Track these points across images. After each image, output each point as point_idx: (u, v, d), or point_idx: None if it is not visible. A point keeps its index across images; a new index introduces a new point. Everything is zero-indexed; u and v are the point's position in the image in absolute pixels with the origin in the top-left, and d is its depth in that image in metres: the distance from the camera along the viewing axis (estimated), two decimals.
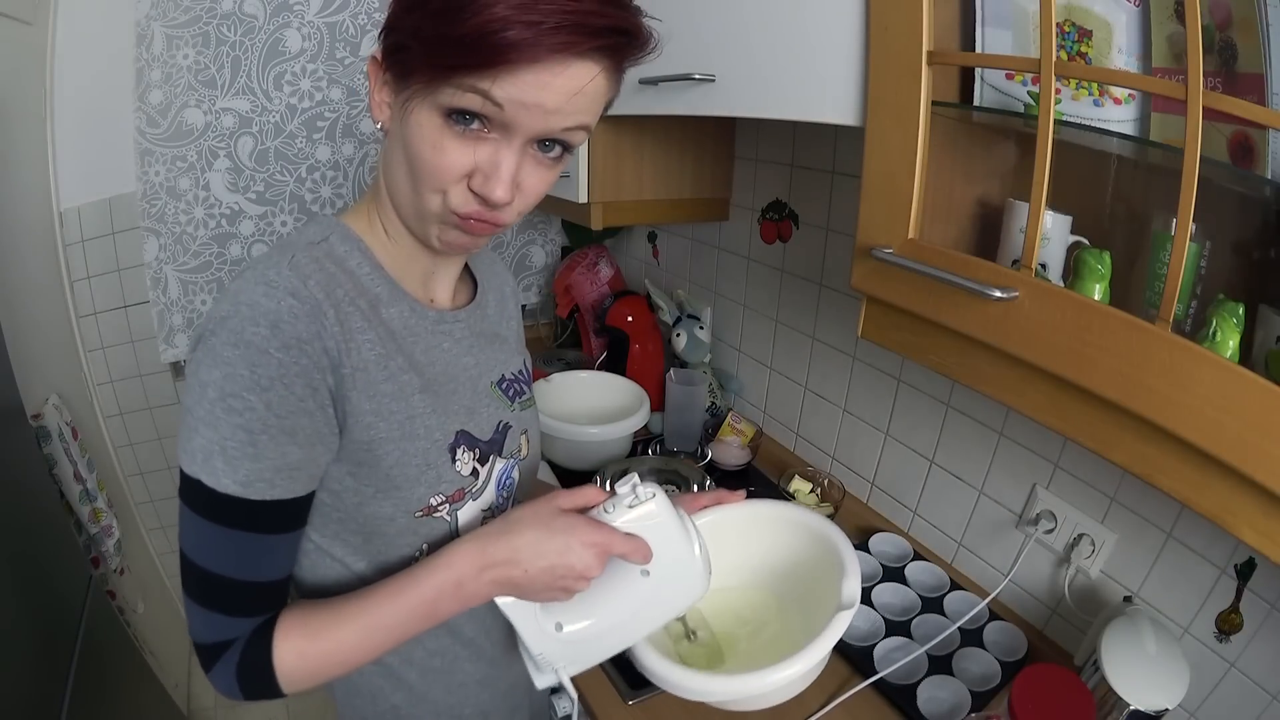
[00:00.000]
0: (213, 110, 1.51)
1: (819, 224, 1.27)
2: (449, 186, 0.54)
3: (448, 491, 0.62)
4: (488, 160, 0.52)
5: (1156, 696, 0.74)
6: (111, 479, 1.72)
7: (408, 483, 0.60)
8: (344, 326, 0.55)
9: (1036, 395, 0.62)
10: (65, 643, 1.14)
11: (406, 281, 0.63)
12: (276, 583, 0.57)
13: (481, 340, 0.70)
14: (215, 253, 1.63)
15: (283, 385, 0.51)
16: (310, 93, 1.57)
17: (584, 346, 1.86)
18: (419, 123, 0.52)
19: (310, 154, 1.62)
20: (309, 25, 1.51)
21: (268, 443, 0.51)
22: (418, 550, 0.63)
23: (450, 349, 0.66)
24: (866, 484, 1.30)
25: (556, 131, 0.53)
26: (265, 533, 0.54)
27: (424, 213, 0.56)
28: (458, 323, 0.67)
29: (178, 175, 1.54)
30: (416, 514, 0.61)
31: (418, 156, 0.53)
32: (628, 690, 0.90)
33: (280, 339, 0.50)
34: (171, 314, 1.65)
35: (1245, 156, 0.55)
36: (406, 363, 0.60)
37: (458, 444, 0.63)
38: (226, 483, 0.51)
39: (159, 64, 1.46)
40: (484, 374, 0.70)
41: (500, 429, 0.69)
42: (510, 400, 0.72)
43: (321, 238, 0.59)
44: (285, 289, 0.52)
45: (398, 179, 0.56)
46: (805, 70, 0.77)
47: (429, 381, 0.62)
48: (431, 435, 0.61)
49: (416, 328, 0.63)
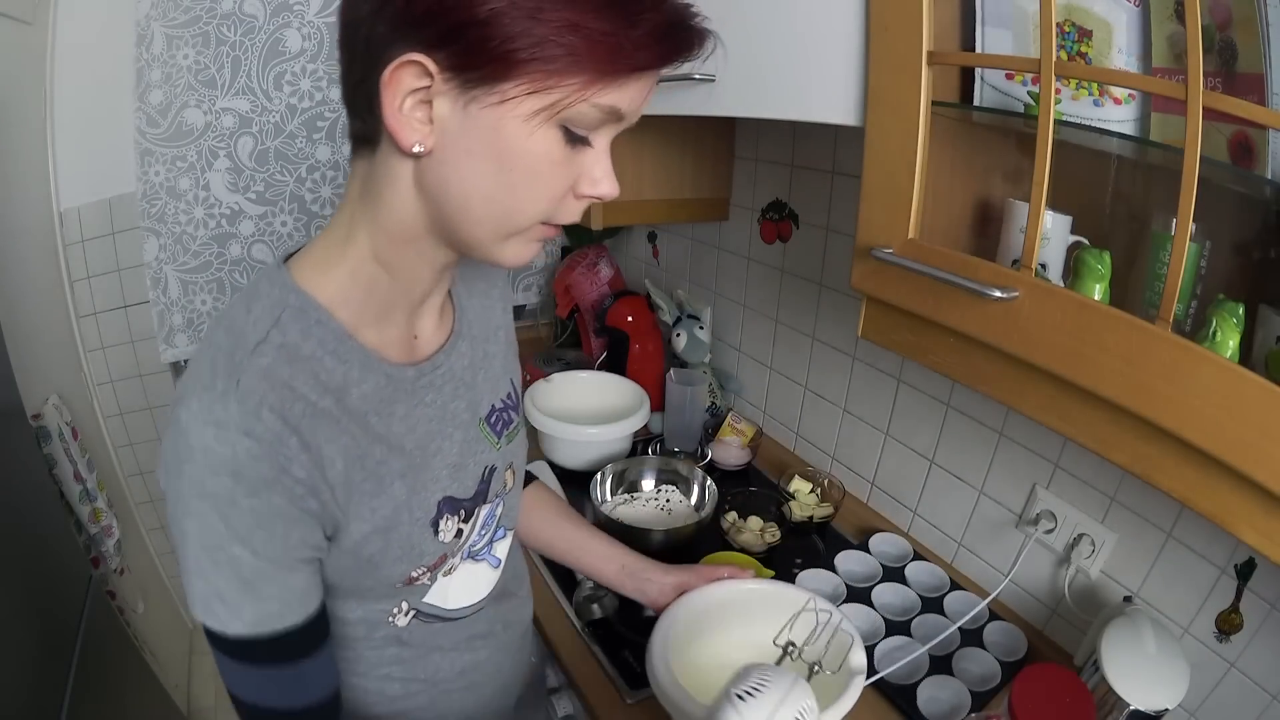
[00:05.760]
0: (213, 110, 1.51)
1: (819, 224, 1.27)
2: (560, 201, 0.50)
3: (429, 563, 0.60)
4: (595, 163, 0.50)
5: (1156, 696, 0.74)
6: (111, 479, 1.72)
7: (388, 564, 0.57)
8: (312, 448, 0.49)
9: (1036, 395, 0.62)
10: (65, 643, 1.14)
11: (386, 329, 0.57)
12: (328, 701, 0.56)
13: (468, 374, 0.65)
14: (215, 253, 1.62)
15: (263, 530, 0.47)
16: (310, 93, 1.57)
17: (584, 346, 1.86)
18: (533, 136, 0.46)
19: (310, 154, 1.62)
20: (309, 25, 1.51)
21: (265, 584, 0.49)
22: (396, 608, 0.62)
23: (434, 400, 0.61)
24: (866, 484, 1.30)
25: None
26: (295, 660, 0.52)
27: (511, 231, 0.51)
28: (437, 370, 0.61)
29: (178, 175, 1.54)
30: (397, 585, 0.60)
31: (532, 174, 0.48)
32: (628, 690, 0.90)
33: (245, 486, 0.46)
34: (171, 314, 1.65)
35: (1245, 156, 0.55)
36: (385, 450, 0.55)
37: (440, 515, 0.60)
38: (235, 627, 0.49)
39: (159, 64, 1.46)
40: (474, 413, 0.66)
41: (485, 476, 0.66)
42: (498, 437, 0.69)
43: (271, 322, 0.50)
44: (237, 429, 0.46)
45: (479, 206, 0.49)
46: (805, 70, 0.77)
47: (410, 455, 0.58)
48: (413, 516, 0.58)
49: (394, 396, 0.57)
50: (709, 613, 0.84)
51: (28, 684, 0.99)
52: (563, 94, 0.44)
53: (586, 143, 0.49)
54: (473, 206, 0.49)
